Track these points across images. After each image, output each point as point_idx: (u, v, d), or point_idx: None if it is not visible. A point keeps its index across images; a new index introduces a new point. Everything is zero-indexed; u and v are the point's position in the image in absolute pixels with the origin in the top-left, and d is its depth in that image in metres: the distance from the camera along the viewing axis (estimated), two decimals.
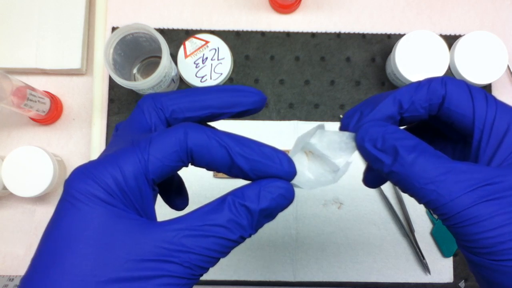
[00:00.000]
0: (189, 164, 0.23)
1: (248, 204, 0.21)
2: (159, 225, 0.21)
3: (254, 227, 0.22)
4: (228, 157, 0.22)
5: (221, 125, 0.59)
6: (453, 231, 0.21)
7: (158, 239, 0.20)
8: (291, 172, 0.23)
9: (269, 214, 0.22)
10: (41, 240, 0.21)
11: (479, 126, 0.23)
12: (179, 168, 0.23)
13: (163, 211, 0.26)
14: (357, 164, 0.48)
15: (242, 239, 0.22)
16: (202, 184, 0.53)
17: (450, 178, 0.21)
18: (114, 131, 0.25)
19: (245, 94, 0.25)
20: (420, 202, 0.22)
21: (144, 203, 0.22)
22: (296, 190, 0.23)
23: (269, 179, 0.22)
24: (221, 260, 0.22)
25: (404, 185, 0.22)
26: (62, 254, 0.19)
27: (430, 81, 0.24)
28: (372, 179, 0.29)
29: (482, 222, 0.20)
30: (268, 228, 0.52)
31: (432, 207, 0.21)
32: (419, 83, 0.24)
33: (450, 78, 0.24)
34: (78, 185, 0.20)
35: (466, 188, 0.20)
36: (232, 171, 0.23)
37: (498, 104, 0.23)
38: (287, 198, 0.22)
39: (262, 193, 0.22)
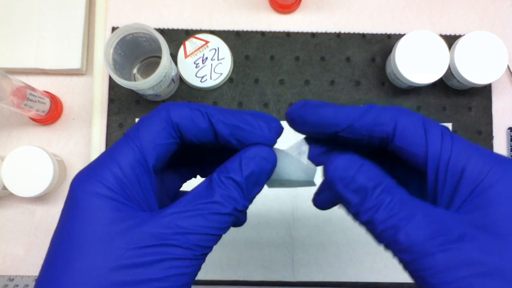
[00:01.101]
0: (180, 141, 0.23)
1: (233, 175, 0.22)
2: (156, 212, 0.22)
3: (246, 197, 0.22)
4: (210, 125, 0.23)
5: None
6: (412, 275, 0.21)
7: (155, 226, 0.21)
8: (271, 137, 0.23)
9: (256, 181, 0.23)
10: (51, 244, 0.22)
11: (433, 166, 0.22)
12: (173, 146, 0.23)
13: None
14: None
15: (237, 211, 0.22)
16: None
17: (411, 224, 0.20)
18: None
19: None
20: (380, 242, 0.22)
21: (143, 192, 0.22)
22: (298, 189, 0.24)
23: (248, 147, 0.23)
24: (221, 260, 0.22)
25: (367, 226, 0.21)
26: (71, 255, 0.20)
27: (378, 112, 0.23)
28: (324, 202, 0.28)
29: (439, 274, 0.19)
30: (268, 228, 0.52)
31: (391, 250, 0.21)
32: (366, 110, 0.23)
33: (403, 113, 0.23)
34: (80, 187, 0.21)
35: (426, 235, 0.20)
36: (218, 140, 0.23)
37: (454, 141, 0.21)
38: (268, 160, 0.23)
39: (243, 161, 0.22)
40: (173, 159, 0.25)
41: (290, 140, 0.26)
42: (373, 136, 0.23)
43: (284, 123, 0.25)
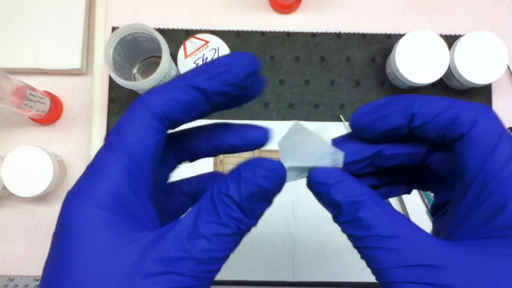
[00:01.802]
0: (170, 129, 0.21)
1: (232, 194, 0.19)
2: (158, 233, 0.19)
3: (249, 216, 0.20)
4: (196, 90, 0.20)
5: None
6: None
7: (157, 250, 0.19)
8: (251, 58, 0.21)
9: (259, 199, 0.20)
10: (43, 276, 0.19)
11: (479, 183, 0.19)
12: (163, 140, 0.21)
13: None
14: None
15: (242, 230, 0.20)
16: None
17: (387, 245, 0.19)
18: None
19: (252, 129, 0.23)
20: (361, 257, 0.21)
21: (141, 202, 0.20)
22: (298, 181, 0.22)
23: (247, 160, 0.20)
24: None
25: (348, 239, 0.21)
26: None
27: (461, 109, 0.20)
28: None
29: None
30: (268, 228, 0.52)
31: (369, 267, 0.20)
32: (449, 105, 0.20)
33: (487, 114, 0.20)
34: (70, 210, 0.19)
35: (400, 262, 0.18)
36: (211, 101, 0.21)
37: None
38: (272, 178, 0.20)
39: (241, 180, 0.20)
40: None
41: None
42: (447, 135, 0.21)
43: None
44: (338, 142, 0.24)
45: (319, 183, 0.21)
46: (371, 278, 0.21)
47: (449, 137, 0.21)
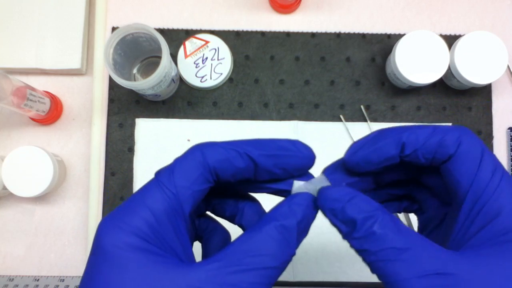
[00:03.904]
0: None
1: (285, 222, 0.21)
2: (198, 265, 0.20)
3: (296, 244, 0.22)
4: (251, 161, 0.22)
5: (220, 125, 0.58)
6: None
7: (198, 280, 0.19)
8: (310, 155, 0.23)
9: (304, 228, 0.22)
10: None
11: (471, 200, 0.21)
12: (207, 190, 0.22)
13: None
14: None
15: (285, 264, 0.21)
16: None
17: (403, 257, 0.20)
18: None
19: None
20: (372, 273, 0.21)
21: (179, 240, 0.21)
22: None
23: (293, 195, 0.23)
24: None
25: (359, 254, 0.22)
26: None
27: (445, 133, 0.22)
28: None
29: None
30: None
31: (382, 281, 0.21)
32: (432, 132, 0.22)
33: (468, 135, 0.22)
34: (108, 237, 0.20)
35: (417, 272, 0.19)
36: (257, 174, 0.23)
37: (503, 179, 0.21)
38: (313, 207, 0.23)
39: (292, 206, 0.22)
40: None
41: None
42: (436, 158, 0.22)
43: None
44: (331, 171, 0.26)
45: (334, 199, 0.22)
46: (371, 278, 0.21)
47: (438, 160, 0.22)
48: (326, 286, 0.52)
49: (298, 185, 0.24)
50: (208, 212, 0.28)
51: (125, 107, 0.54)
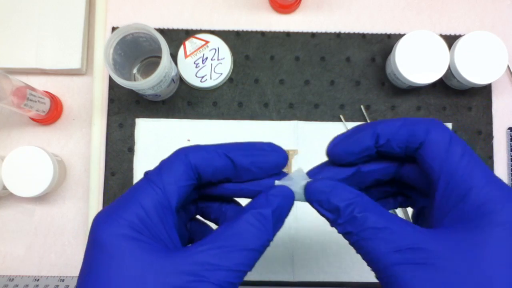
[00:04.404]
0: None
1: (261, 210, 0.24)
2: (185, 250, 0.22)
3: (272, 230, 0.24)
4: (229, 160, 0.25)
5: (220, 125, 0.58)
6: (381, 283, 0.23)
7: (186, 263, 0.21)
8: (283, 153, 0.26)
9: (279, 216, 0.25)
10: (79, 283, 0.22)
11: (444, 182, 0.23)
12: (191, 187, 0.25)
13: None
14: None
15: (263, 247, 0.24)
16: None
17: (381, 235, 0.22)
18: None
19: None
20: (357, 252, 0.24)
21: (167, 231, 0.23)
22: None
23: (270, 188, 0.25)
24: None
25: (345, 237, 0.24)
26: None
27: (414, 124, 0.24)
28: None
29: (401, 285, 0.21)
30: None
31: (364, 259, 0.23)
32: (403, 123, 0.25)
33: (436, 125, 0.24)
34: (102, 228, 0.22)
35: (393, 247, 0.22)
36: (238, 174, 0.25)
37: (471, 161, 0.23)
38: (289, 198, 0.25)
39: (269, 197, 0.24)
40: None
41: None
42: (409, 147, 0.25)
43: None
44: (317, 171, 0.28)
45: (319, 192, 0.25)
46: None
47: (411, 148, 0.24)
48: (326, 286, 0.52)
49: (278, 182, 0.27)
50: (198, 216, 0.31)
51: (125, 107, 0.54)
